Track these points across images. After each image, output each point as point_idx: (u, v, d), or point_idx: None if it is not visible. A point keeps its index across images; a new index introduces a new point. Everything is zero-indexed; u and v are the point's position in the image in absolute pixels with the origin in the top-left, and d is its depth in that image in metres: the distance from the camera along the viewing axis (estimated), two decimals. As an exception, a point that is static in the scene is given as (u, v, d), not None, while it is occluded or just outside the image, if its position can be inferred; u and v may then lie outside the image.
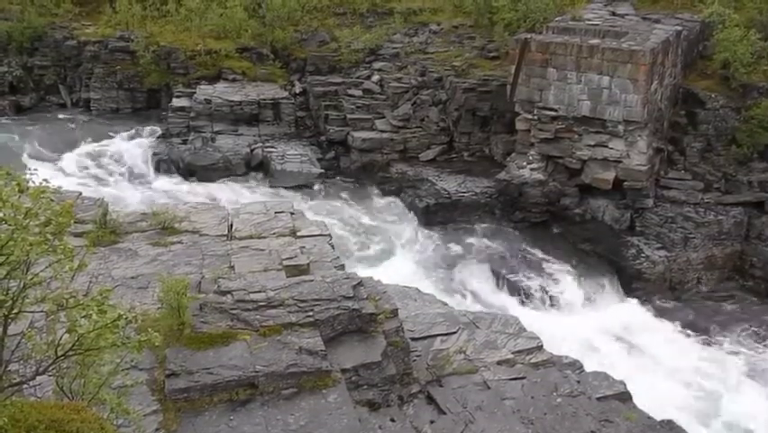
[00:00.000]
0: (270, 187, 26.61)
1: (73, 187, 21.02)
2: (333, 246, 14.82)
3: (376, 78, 30.45)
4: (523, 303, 21.32)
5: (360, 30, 32.69)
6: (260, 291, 12.18)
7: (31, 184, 7.19)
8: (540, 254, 23.11)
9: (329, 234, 15.29)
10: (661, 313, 21.92)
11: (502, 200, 25.02)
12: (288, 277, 12.90)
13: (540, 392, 13.01)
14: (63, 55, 33.53)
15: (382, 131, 28.51)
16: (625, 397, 13.88)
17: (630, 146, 23.74)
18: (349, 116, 28.98)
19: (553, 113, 24.30)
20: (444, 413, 12.29)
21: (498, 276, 22.17)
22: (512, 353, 14.06)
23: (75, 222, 13.47)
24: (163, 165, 27.77)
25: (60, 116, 32.32)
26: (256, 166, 27.80)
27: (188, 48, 31.91)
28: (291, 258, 13.72)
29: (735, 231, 23.76)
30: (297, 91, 31.19)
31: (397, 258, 23.13)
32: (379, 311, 12.47)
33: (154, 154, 28.25)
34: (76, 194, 16.38)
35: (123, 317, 7.25)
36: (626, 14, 28.43)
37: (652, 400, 16.98)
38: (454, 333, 14.42)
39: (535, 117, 24.64)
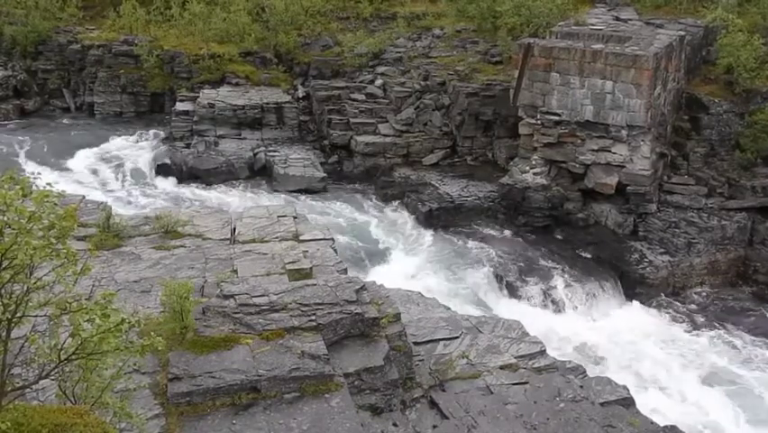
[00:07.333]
0: (273, 191, 26.62)
1: (76, 190, 21.05)
2: (335, 250, 14.81)
3: (379, 82, 30.48)
4: (525, 308, 21.25)
5: (363, 34, 32.74)
6: (262, 295, 12.18)
7: (34, 188, 7.21)
8: (543, 259, 23.07)
9: (332, 239, 15.29)
10: (664, 318, 21.87)
11: (505, 205, 25.00)
12: (290, 281, 12.89)
13: (543, 397, 12.99)
14: (67, 59, 33.64)
15: (385, 135, 28.53)
16: (628, 402, 13.86)
17: (633, 151, 23.73)
18: (352, 120, 29.01)
19: (556, 117, 24.31)
20: (447, 418, 12.28)
21: (500, 280, 22.13)
22: (515, 357, 14.05)
23: (78, 226, 13.54)
24: (166, 169, 27.82)
25: (64, 120, 32.42)
26: (259, 170, 27.83)
27: (192, 52, 31.96)
28: (294, 262, 13.72)
29: (738, 236, 23.71)
30: (301, 95, 31.24)
31: (400, 262, 23.10)
32: (381, 315, 12.46)
33: (157, 158, 28.29)
34: (79, 198, 16.42)
35: (126, 321, 7.26)
36: (630, 19, 28.45)
37: (655, 405, 17.00)
38: (457, 337, 14.40)
39: (539, 122, 24.64)
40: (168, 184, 27.23)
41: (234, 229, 15.47)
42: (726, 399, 18.37)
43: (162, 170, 27.79)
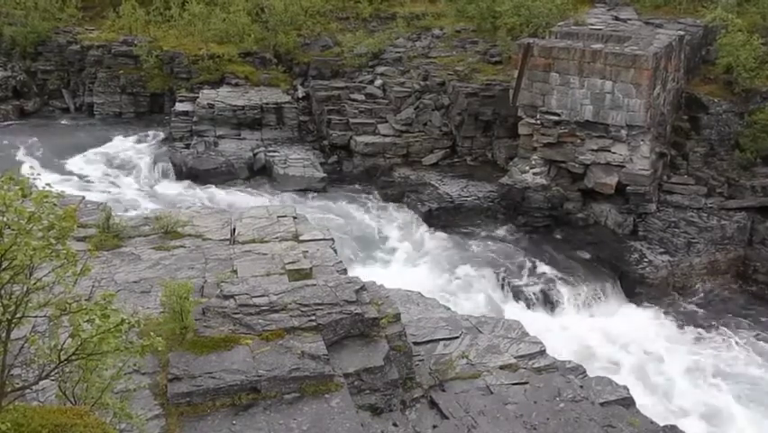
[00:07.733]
0: (273, 191, 26.63)
1: (76, 191, 21.05)
2: (335, 250, 14.81)
3: (379, 82, 30.48)
4: (525, 308, 21.27)
5: (363, 34, 32.74)
6: (262, 296, 12.18)
7: (34, 188, 7.21)
8: (542, 259, 23.07)
9: (331, 239, 15.29)
10: (663, 318, 21.85)
11: (505, 205, 25.01)
12: (290, 281, 12.89)
13: (543, 397, 12.99)
14: (66, 60, 33.67)
15: (385, 135, 28.52)
16: (628, 402, 13.85)
17: (633, 151, 23.74)
18: (352, 121, 29.01)
19: (555, 117, 24.31)
20: (447, 418, 12.28)
21: (500, 280, 22.13)
22: (515, 357, 14.04)
23: (78, 226, 13.54)
24: (166, 169, 27.81)
25: (64, 121, 32.45)
26: (259, 170, 27.82)
27: (191, 52, 31.98)
28: (294, 262, 13.72)
29: (738, 236, 23.71)
30: (300, 95, 31.24)
31: (400, 262, 23.11)
32: (381, 316, 12.46)
33: (157, 159, 28.28)
34: (79, 198, 16.43)
35: (126, 322, 7.25)
36: (629, 19, 28.46)
37: (655, 405, 17.00)
38: (457, 337, 14.40)
39: (538, 122, 24.64)
40: (167, 184, 27.21)
41: (234, 229, 15.46)
42: (738, 399, 18.28)
43: (162, 170, 27.78)
